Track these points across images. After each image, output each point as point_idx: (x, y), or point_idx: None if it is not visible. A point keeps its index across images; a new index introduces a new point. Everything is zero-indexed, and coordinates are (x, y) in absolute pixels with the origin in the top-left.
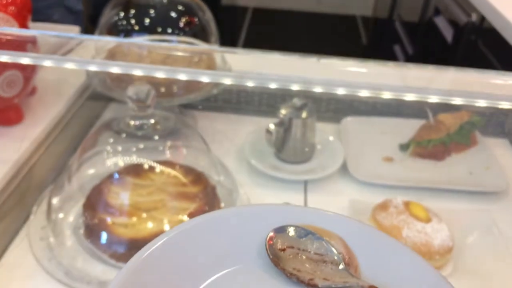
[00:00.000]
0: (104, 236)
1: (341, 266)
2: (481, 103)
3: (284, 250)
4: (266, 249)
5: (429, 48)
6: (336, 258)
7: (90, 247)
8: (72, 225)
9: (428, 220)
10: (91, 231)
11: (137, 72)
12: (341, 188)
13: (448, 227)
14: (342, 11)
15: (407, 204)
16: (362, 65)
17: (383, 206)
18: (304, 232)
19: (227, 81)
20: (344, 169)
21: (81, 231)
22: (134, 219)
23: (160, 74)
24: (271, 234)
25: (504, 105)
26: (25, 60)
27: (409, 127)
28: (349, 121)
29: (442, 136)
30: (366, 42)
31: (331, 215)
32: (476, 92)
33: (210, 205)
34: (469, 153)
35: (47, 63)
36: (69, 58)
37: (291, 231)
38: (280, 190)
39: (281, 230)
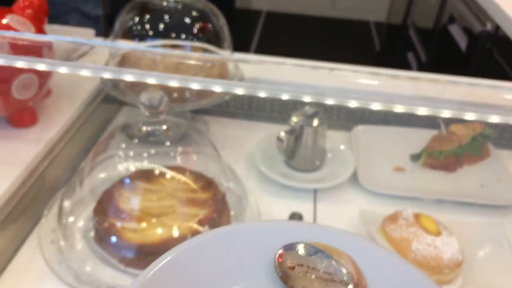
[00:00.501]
0: (113, 241)
1: (350, 287)
2: (493, 118)
3: (293, 268)
4: (275, 267)
5: (443, 56)
6: (345, 278)
7: (100, 252)
8: (83, 228)
9: (438, 234)
10: (101, 235)
11: (150, 80)
12: (351, 197)
13: (458, 241)
14: (356, 16)
15: (417, 217)
16: (374, 77)
17: (393, 218)
18: (314, 250)
19: (239, 91)
20: (354, 178)
21: (91, 235)
22: (144, 224)
23: (172, 83)
24: (281, 251)
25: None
26: (40, 66)
27: (420, 137)
28: (360, 130)
29: (454, 147)
30: (379, 48)
31: (342, 232)
32: (488, 105)
33: (220, 212)
34: (481, 165)
35: (61, 69)
36: (83, 65)
37: (301, 249)
38: (290, 198)
39: (290, 248)
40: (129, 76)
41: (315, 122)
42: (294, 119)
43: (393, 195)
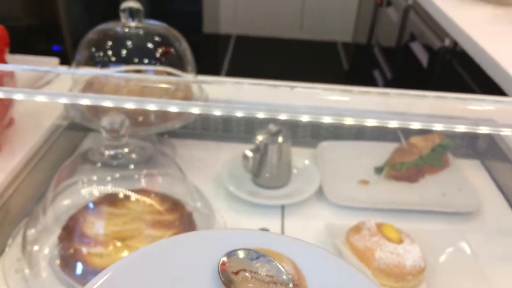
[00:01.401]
0: (79, 267)
1: (290, 286)
2: (459, 128)
3: (237, 273)
4: (218, 273)
5: (406, 72)
6: (285, 278)
7: (66, 278)
8: (48, 256)
9: (400, 241)
10: (67, 262)
11: (108, 104)
12: (318, 211)
13: (421, 248)
14: (323, 37)
15: (379, 226)
16: (329, 93)
17: (357, 229)
18: (256, 255)
19: (196, 111)
20: (320, 193)
21: (57, 262)
22: (110, 248)
23: (131, 105)
24: (224, 258)
25: (478, 129)
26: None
27: (383, 151)
28: (325, 146)
29: (415, 158)
30: (347, 67)
31: (283, 238)
32: (453, 116)
33: (187, 232)
34: (442, 175)
35: (19, 96)
36: (41, 92)
37: (243, 255)
38: (258, 215)
39: (233, 254)
40: (86, 101)
41: (279, 139)
42: (259, 137)
43: (358, 207)
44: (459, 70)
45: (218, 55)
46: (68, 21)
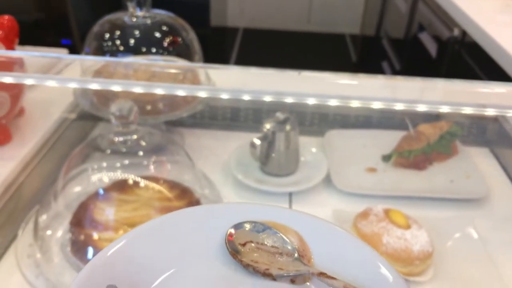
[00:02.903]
0: (90, 252)
1: (295, 256)
2: (465, 110)
3: (244, 244)
4: (226, 243)
5: (415, 63)
6: (290, 249)
7: (77, 263)
8: (59, 242)
9: (407, 227)
10: (78, 247)
11: (119, 88)
12: (325, 198)
13: (429, 234)
14: (331, 30)
15: (386, 212)
16: (337, 77)
17: (364, 214)
18: (262, 227)
19: (204, 94)
20: (328, 180)
21: (68, 247)
22: (120, 233)
23: (140, 90)
24: (231, 230)
25: (485, 111)
26: (10, 79)
27: (390, 139)
28: (332, 134)
29: (422, 146)
30: (355, 59)
31: (288, 211)
32: (458, 101)
33: None
34: (450, 162)
35: (31, 81)
36: (54, 77)
37: (250, 227)
38: (265, 202)
39: (240, 226)
40: (95, 85)
41: (287, 127)
42: (267, 125)
43: (366, 194)
44: (468, 60)
45: (225, 48)
46: (76, 15)
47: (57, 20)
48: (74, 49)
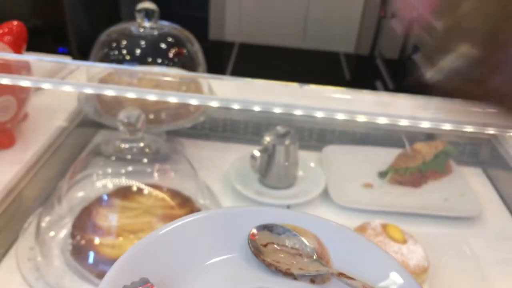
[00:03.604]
0: (91, 256)
1: (314, 257)
2: (447, 126)
3: (265, 245)
4: (248, 243)
5: (408, 84)
6: (309, 251)
7: (77, 267)
8: (60, 245)
9: (404, 242)
10: (79, 251)
11: (130, 95)
12: (323, 212)
13: (424, 249)
14: (326, 48)
15: (384, 226)
16: (341, 91)
17: (362, 228)
18: (283, 230)
19: (214, 104)
20: (325, 194)
21: (69, 251)
22: (121, 239)
23: (150, 97)
24: (254, 231)
25: (473, 130)
26: (23, 83)
27: (387, 156)
28: (331, 150)
29: (418, 164)
30: (349, 78)
31: (307, 216)
32: (447, 118)
33: None
34: (445, 181)
35: (46, 85)
36: (66, 82)
37: (270, 229)
38: None
39: (262, 228)
40: (110, 91)
41: (287, 141)
42: (267, 138)
43: (363, 209)
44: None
45: (222, 61)
46: (73, 23)
47: (54, 28)
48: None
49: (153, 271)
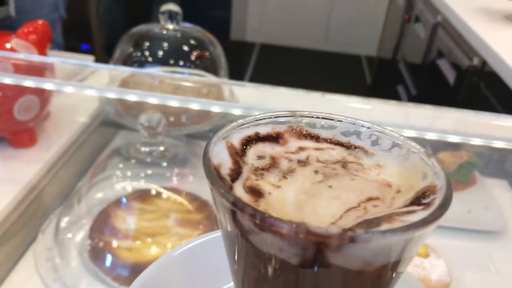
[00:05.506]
0: (108, 259)
1: None
2: (476, 141)
3: None
4: None
5: (431, 90)
6: None
7: (95, 269)
8: (78, 247)
9: (426, 255)
10: (97, 254)
11: (151, 100)
12: None
13: (446, 263)
14: (347, 50)
15: None
16: (366, 102)
17: None
18: None
19: (236, 112)
20: None
21: (87, 253)
22: (139, 243)
23: (173, 103)
24: None
25: (500, 145)
26: (46, 85)
27: None
28: None
29: None
30: (370, 82)
31: None
32: (473, 132)
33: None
34: (469, 192)
35: (69, 89)
36: (88, 85)
37: None
38: None
39: None
40: (132, 96)
41: None
42: None
43: None
44: (485, 91)
45: (242, 62)
46: (99, 21)
47: (79, 25)
48: (94, 55)
49: (182, 283)
